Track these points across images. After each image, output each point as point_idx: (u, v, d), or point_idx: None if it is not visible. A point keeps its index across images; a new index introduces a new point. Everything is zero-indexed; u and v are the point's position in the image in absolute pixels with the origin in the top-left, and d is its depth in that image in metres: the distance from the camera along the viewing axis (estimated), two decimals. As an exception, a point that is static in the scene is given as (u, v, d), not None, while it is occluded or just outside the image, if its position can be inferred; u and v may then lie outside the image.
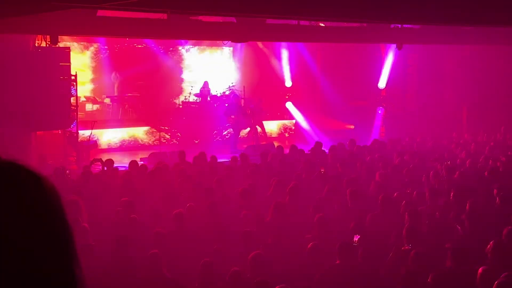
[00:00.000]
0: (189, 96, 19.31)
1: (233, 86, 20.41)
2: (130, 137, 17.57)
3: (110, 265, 6.63)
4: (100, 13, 11.47)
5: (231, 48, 21.23)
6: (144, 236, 7.33)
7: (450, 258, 6.10)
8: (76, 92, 14.75)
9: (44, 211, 1.13)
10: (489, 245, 6.13)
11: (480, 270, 5.65)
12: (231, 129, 17.90)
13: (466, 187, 9.53)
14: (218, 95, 20.08)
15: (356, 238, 6.88)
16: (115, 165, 12.07)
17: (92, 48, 18.92)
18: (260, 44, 20.64)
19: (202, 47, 20.71)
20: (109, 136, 17.20)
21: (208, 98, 19.34)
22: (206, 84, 19.67)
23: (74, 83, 14.44)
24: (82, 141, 15.36)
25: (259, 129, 18.41)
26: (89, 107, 18.07)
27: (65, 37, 16.18)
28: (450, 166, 11.63)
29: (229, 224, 7.89)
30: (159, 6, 7.33)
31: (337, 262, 6.26)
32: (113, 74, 18.71)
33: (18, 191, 1.11)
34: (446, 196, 9.17)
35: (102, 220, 8.39)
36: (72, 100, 14.50)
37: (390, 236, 7.22)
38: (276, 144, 16.27)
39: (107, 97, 18.58)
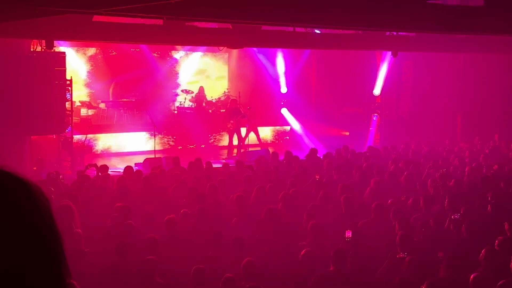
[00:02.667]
0: (184, 102, 19.33)
1: (228, 92, 20.46)
2: (125, 142, 17.54)
3: (106, 271, 6.62)
4: (96, 18, 11.47)
5: (227, 54, 21.27)
6: (139, 241, 7.32)
7: (444, 267, 6.12)
8: (71, 97, 14.74)
9: (33, 219, 1.12)
10: (481, 253, 6.15)
11: (471, 277, 5.67)
12: (228, 135, 17.92)
13: (460, 194, 9.55)
14: (213, 101, 20.12)
15: (348, 234, 6.91)
16: (109, 170, 12.05)
17: (88, 53, 18.91)
18: (256, 50, 20.68)
19: (197, 52, 20.73)
20: (104, 141, 17.18)
21: (204, 104, 19.37)
22: (201, 89, 19.70)
23: (69, 88, 14.42)
24: (76, 146, 15.33)
25: (254, 135, 18.43)
26: (84, 111, 18.04)
27: (61, 42, 16.18)
28: (445, 173, 11.66)
29: (223, 230, 7.88)
30: (155, 12, 7.35)
31: (331, 268, 6.27)
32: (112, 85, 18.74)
33: (6, 198, 1.11)
34: (441, 203, 9.19)
35: (96, 226, 8.38)
36: (67, 104, 14.49)
37: (383, 244, 7.23)
38: (271, 150, 16.28)
39: (102, 102, 18.57)
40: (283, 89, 21.20)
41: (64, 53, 14.64)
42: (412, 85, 21.05)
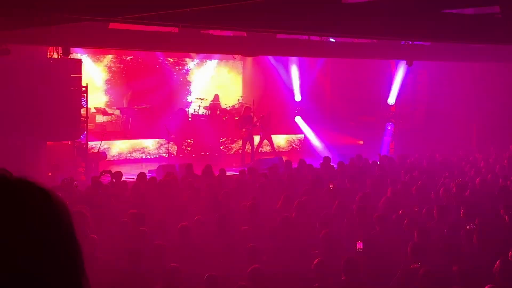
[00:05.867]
0: (198, 109, 19.38)
1: (242, 99, 20.49)
2: (139, 149, 17.62)
3: (119, 277, 6.63)
4: (112, 26, 11.57)
5: (241, 62, 21.32)
6: (152, 249, 7.33)
7: (458, 278, 6.06)
8: (87, 104, 14.84)
9: (54, 228, 1.14)
10: (496, 265, 6.08)
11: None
12: (241, 142, 17.93)
13: (476, 205, 9.47)
14: (228, 108, 20.15)
15: (359, 246, 6.88)
16: (123, 176, 12.11)
17: (103, 60, 19.06)
18: (271, 58, 20.71)
19: (212, 60, 20.81)
20: (118, 148, 17.26)
21: (218, 112, 19.41)
22: (216, 97, 19.76)
23: (85, 95, 14.52)
24: (91, 152, 15.42)
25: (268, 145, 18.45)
26: (99, 118, 18.16)
27: (77, 49, 16.31)
28: (460, 183, 11.58)
29: (236, 238, 7.88)
30: (171, 20, 7.39)
31: (343, 278, 6.24)
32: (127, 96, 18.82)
33: (28, 208, 1.13)
34: (456, 213, 9.12)
35: (110, 232, 8.40)
36: (83, 111, 14.59)
37: (397, 253, 7.18)
38: (284, 158, 16.27)
39: (117, 108, 18.68)
40: (297, 97, 21.19)
41: (80, 60, 14.76)
42: (427, 94, 20.95)
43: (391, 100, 20.75)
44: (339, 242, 7.55)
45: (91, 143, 15.50)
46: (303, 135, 20.90)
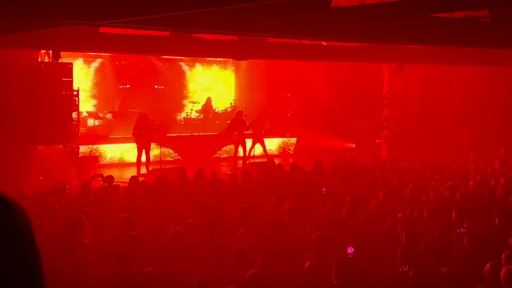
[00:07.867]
0: (191, 113, 19.37)
1: (235, 103, 20.50)
2: (131, 153, 17.56)
3: (109, 282, 6.61)
4: (103, 29, 11.54)
5: (234, 65, 21.33)
6: (144, 253, 7.31)
7: (447, 281, 6.07)
8: (78, 107, 14.79)
9: (10, 237, 1.13)
10: (486, 267, 6.10)
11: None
12: (233, 146, 17.92)
13: (467, 208, 9.49)
14: (220, 111, 20.16)
15: (350, 251, 6.89)
16: (115, 180, 12.07)
17: (95, 64, 19.02)
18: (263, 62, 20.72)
19: (204, 63, 20.80)
20: (110, 152, 17.21)
21: (210, 115, 19.41)
22: (209, 100, 19.76)
23: (76, 98, 14.48)
24: (83, 156, 15.37)
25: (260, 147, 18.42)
26: (91, 122, 18.11)
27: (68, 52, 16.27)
28: (451, 186, 11.61)
29: (228, 241, 7.87)
30: (159, 24, 7.37)
31: (334, 282, 6.24)
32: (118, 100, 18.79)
33: None
34: (446, 216, 9.13)
35: (101, 236, 8.37)
36: (74, 115, 14.54)
37: (386, 257, 7.18)
38: (276, 161, 16.26)
39: (109, 112, 18.64)
40: (290, 100, 21.21)
41: (71, 63, 14.71)
42: (418, 97, 21.02)
43: (383, 103, 20.80)
44: (330, 245, 7.54)
45: (82, 147, 15.44)
46: (295, 138, 20.92)
